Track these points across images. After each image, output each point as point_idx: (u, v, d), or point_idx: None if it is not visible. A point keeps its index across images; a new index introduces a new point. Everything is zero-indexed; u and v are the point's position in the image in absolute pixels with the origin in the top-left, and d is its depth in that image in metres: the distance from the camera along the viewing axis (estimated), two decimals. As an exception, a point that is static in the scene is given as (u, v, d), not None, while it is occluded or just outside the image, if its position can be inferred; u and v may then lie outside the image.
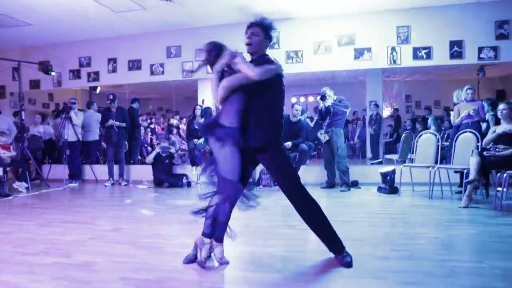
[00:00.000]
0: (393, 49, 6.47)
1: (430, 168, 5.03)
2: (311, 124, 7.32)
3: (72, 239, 3.32)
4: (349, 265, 2.46)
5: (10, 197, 5.75)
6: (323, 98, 5.90)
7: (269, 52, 2.63)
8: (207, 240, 2.49)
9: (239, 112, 2.43)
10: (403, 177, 5.31)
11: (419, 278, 2.26)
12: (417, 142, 5.50)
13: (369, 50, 6.58)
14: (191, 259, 2.57)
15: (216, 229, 2.48)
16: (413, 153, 5.65)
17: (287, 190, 2.50)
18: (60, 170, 7.42)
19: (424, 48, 6.36)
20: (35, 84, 8.39)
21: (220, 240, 2.51)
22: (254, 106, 2.45)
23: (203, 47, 2.53)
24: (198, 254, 2.49)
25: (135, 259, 2.62)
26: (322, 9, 6.50)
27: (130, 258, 2.73)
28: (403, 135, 6.84)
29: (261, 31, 2.50)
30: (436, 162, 5.17)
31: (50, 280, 2.36)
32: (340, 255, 2.51)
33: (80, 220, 4.10)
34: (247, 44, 2.52)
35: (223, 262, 2.51)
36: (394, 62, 6.48)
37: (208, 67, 2.53)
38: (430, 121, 6.97)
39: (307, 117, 7.44)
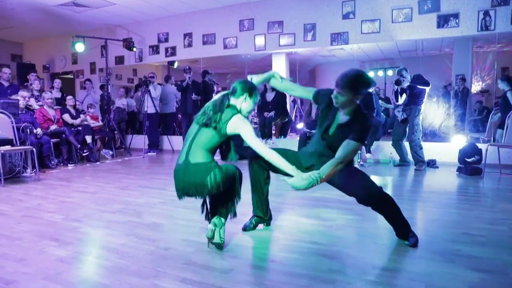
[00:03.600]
0: (486, 13, 5.72)
1: (523, 149, 4.46)
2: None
3: (144, 201, 3.59)
4: (414, 245, 2.32)
5: (98, 163, 6.42)
6: (398, 82, 5.55)
7: (342, 23, 2.38)
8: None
9: None
10: (489, 158, 4.79)
11: (496, 266, 2.04)
12: (508, 119, 4.89)
13: (456, 15, 5.90)
14: (248, 226, 2.68)
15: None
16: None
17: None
18: (141, 140, 8.02)
19: (528, 10, 5.52)
20: (119, 60, 9.07)
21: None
22: None
23: None
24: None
25: (198, 224, 2.74)
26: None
27: (193, 222, 2.86)
28: (493, 112, 6.13)
29: (347, 91, 2.26)
30: (531, 142, 4.57)
31: (122, 236, 2.58)
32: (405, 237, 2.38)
33: (153, 186, 4.40)
34: (335, 103, 2.37)
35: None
36: (487, 28, 5.74)
37: None
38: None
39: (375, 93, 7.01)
